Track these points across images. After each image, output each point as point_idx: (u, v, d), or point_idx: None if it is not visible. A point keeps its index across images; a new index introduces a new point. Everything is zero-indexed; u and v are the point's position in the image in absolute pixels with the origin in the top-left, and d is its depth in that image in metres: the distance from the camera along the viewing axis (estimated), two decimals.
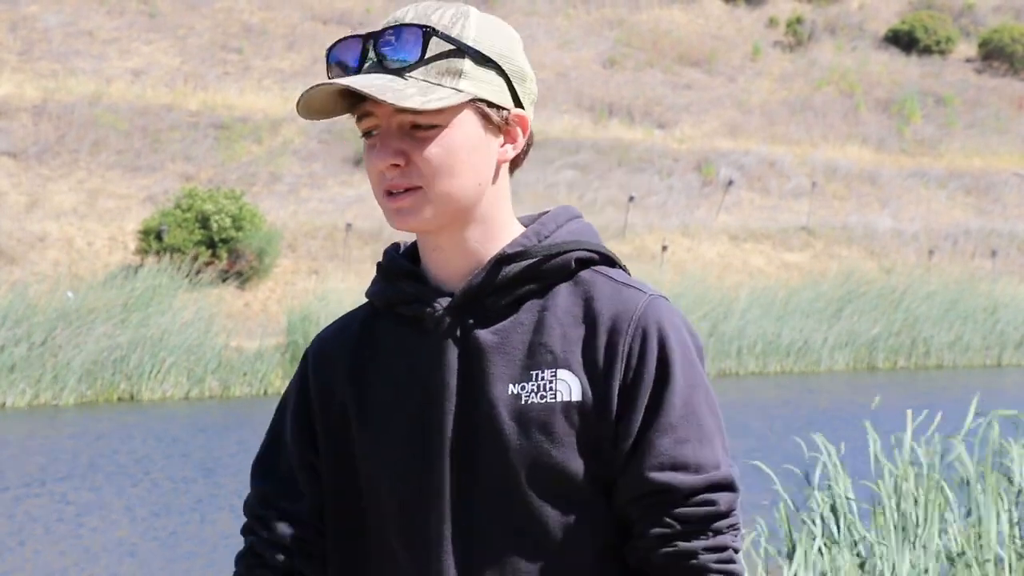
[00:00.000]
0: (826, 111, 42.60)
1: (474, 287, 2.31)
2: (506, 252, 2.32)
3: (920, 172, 40.29)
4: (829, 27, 46.83)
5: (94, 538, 12.79)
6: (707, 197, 36.74)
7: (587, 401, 2.29)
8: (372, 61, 2.28)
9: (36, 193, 30.73)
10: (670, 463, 2.28)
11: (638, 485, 2.29)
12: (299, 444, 2.45)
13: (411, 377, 2.34)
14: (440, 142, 2.27)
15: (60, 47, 36.23)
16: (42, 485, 14.77)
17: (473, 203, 2.32)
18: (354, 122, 2.31)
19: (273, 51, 38.47)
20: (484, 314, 2.32)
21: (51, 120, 32.73)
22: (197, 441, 17.77)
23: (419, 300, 2.35)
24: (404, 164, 2.27)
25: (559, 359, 2.30)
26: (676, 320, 2.33)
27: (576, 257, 2.34)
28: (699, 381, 2.33)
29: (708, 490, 2.30)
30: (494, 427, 2.29)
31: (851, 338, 27.42)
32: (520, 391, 2.29)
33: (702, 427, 2.31)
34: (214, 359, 21.76)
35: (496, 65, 2.30)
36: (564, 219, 2.39)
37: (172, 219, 28.04)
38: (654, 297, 2.33)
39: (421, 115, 2.25)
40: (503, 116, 2.31)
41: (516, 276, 2.32)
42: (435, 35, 2.26)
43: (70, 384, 20.44)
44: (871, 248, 36.23)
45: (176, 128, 33.43)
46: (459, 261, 2.34)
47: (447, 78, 2.27)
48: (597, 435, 2.29)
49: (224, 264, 27.85)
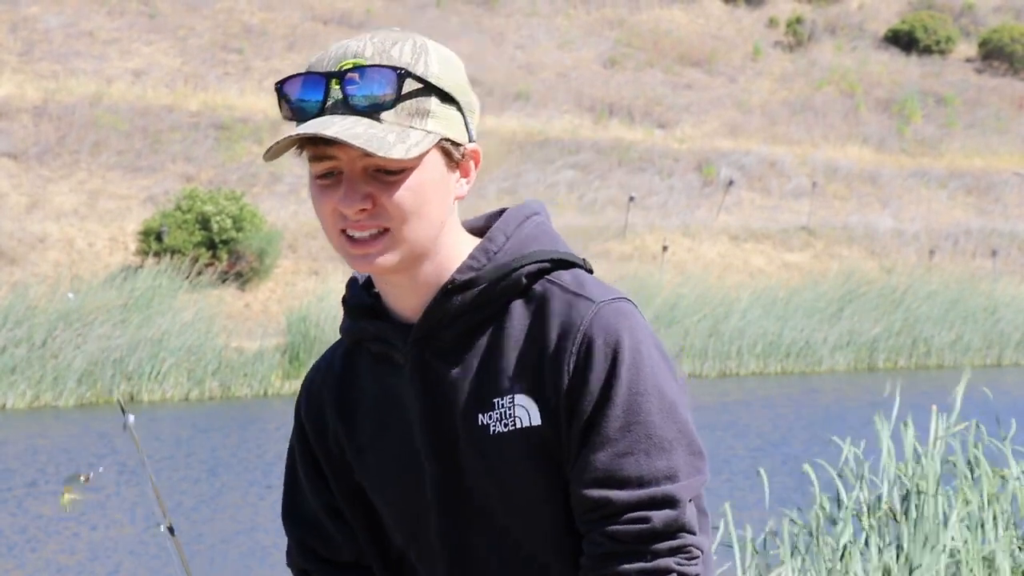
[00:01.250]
0: (826, 111, 42.58)
1: (429, 321, 2.27)
2: (455, 280, 2.27)
3: (920, 172, 40.28)
4: (829, 27, 46.82)
5: (93, 539, 12.78)
6: (708, 197, 36.73)
7: (545, 424, 2.23)
8: (335, 100, 2.21)
9: (36, 194, 30.72)
10: (605, 478, 2.19)
11: (578, 503, 2.22)
12: (316, 491, 2.42)
13: (392, 413, 2.32)
14: (409, 185, 2.21)
15: (61, 48, 36.22)
16: (41, 486, 14.77)
17: (433, 242, 2.26)
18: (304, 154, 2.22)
19: (273, 52, 38.47)
20: (443, 346, 2.28)
21: (52, 121, 32.72)
22: (197, 442, 17.76)
23: (381, 339, 2.31)
24: (371, 207, 2.21)
25: (514, 383, 2.24)
26: (628, 324, 2.24)
27: (525, 272, 2.27)
28: (651, 387, 2.22)
29: (644, 506, 2.19)
30: (469, 465, 2.26)
31: (852, 338, 27.41)
32: (488, 421, 2.25)
33: (652, 436, 2.20)
34: (214, 360, 21.76)
35: (455, 101, 2.25)
36: (514, 226, 2.32)
37: (172, 220, 28.03)
38: (603, 304, 2.25)
39: (377, 158, 2.19)
40: (461, 152, 2.27)
41: (467, 305, 2.26)
42: (408, 76, 2.21)
43: (70, 385, 20.43)
44: (872, 248, 36.22)
45: (176, 129, 33.43)
46: (415, 294, 2.28)
47: (417, 119, 2.21)
48: (560, 457, 2.24)
49: (224, 265, 27.84)
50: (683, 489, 2.20)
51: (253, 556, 12.34)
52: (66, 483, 1.95)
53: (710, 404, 21.20)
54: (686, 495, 2.20)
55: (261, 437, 18.37)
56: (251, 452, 17.12)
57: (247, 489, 14.77)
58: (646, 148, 37.49)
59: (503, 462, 2.24)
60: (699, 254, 34.06)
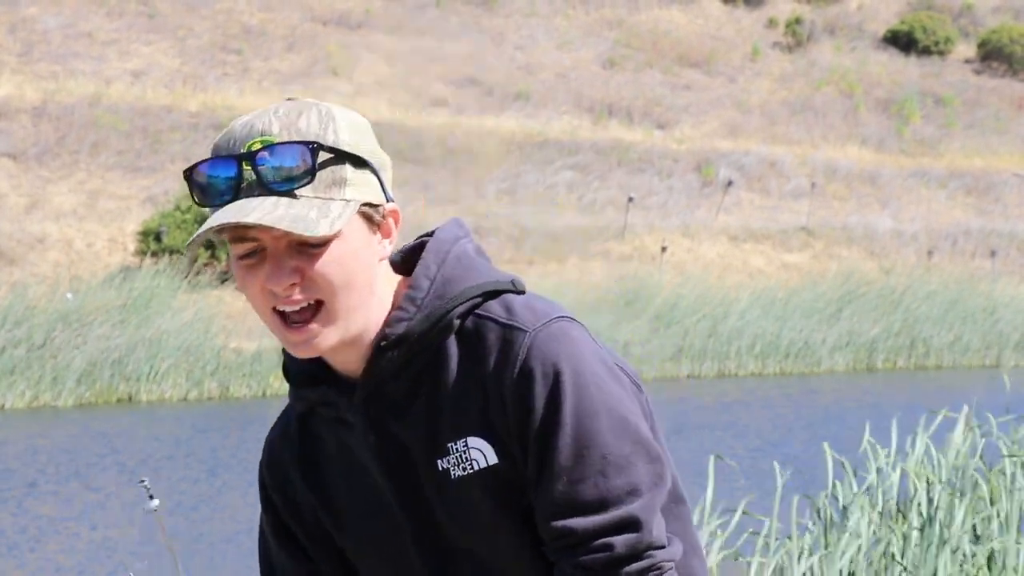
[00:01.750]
0: (826, 111, 42.59)
1: (369, 379, 2.24)
2: (388, 336, 2.22)
3: (920, 172, 40.28)
4: (828, 27, 46.83)
5: (93, 539, 12.78)
6: (707, 198, 36.73)
7: (502, 462, 2.20)
8: (249, 181, 2.16)
9: (36, 194, 30.73)
10: (565, 506, 2.17)
11: (543, 534, 2.20)
12: (294, 560, 2.40)
13: (356, 471, 2.30)
14: (334, 256, 2.16)
15: (60, 48, 36.22)
16: (41, 486, 14.77)
17: (366, 307, 2.21)
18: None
19: (273, 52, 38.46)
20: (388, 400, 2.25)
21: (51, 121, 32.73)
22: (196, 442, 17.76)
23: (327, 403, 2.29)
24: (300, 280, 2.16)
25: (463, 426, 2.21)
26: (566, 346, 2.19)
27: (457, 315, 2.23)
28: (599, 406, 2.18)
29: (607, 532, 2.16)
30: (441, 508, 2.24)
31: (851, 338, 27.42)
32: (447, 465, 2.22)
33: (607, 457, 2.16)
34: (213, 360, 21.75)
35: (367, 164, 2.22)
36: (436, 264, 2.26)
37: (172, 220, 28.04)
38: (537, 331, 2.20)
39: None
40: (381, 214, 2.22)
41: (403, 358, 2.23)
42: (321, 148, 2.17)
43: (69, 385, 20.43)
44: (871, 248, 36.23)
45: (176, 129, 33.44)
46: (352, 354, 2.24)
47: (335, 189, 2.17)
48: (522, 493, 2.21)
49: (223, 265, 27.85)
50: (645, 507, 2.17)
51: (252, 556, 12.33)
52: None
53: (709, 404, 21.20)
54: (649, 511, 2.17)
55: (260, 437, 18.35)
56: (250, 452, 17.13)
57: (246, 489, 14.76)
58: (645, 149, 37.49)
59: (468, 505, 2.22)
60: (698, 254, 34.06)
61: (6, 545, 12.48)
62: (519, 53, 40.39)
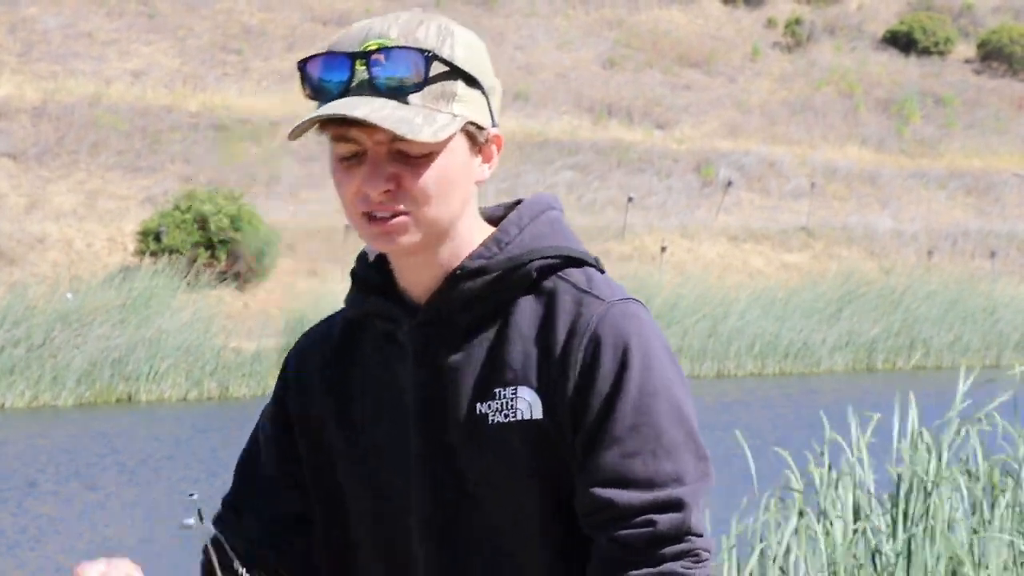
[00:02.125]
0: (825, 112, 42.59)
1: (435, 305, 2.24)
2: (465, 267, 2.23)
3: (920, 173, 40.29)
4: (828, 28, 46.84)
5: (93, 539, 12.78)
6: (707, 198, 36.73)
7: (546, 420, 2.19)
8: (361, 81, 2.17)
9: (35, 194, 30.73)
10: (613, 478, 2.15)
11: (584, 504, 2.18)
12: (277, 452, 2.38)
13: (388, 392, 2.29)
14: (434, 169, 2.18)
15: (60, 48, 36.22)
16: (41, 486, 14.77)
17: (452, 224, 2.23)
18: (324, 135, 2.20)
19: (272, 52, 38.47)
20: (449, 331, 2.25)
21: (51, 121, 32.73)
22: (196, 442, 17.76)
23: (388, 317, 2.28)
24: (394, 188, 2.18)
25: (519, 376, 2.21)
26: (638, 325, 2.21)
27: (536, 267, 2.25)
28: (660, 389, 2.19)
29: (650, 510, 2.15)
30: (463, 452, 2.22)
31: (850, 338, 27.42)
32: (486, 410, 2.21)
33: (660, 438, 2.17)
34: (212, 360, 21.75)
35: (479, 84, 2.22)
36: (529, 218, 2.29)
37: (171, 220, 28.04)
38: (614, 303, 2.22)
39: (401, 140, 2.16)
40: (485, 137, 2.23)
41: (476, 293, 2.23)
42: (436, 59, 2.18)
43: (69, 385, 20.44)
44: (871, 248, 36.23)
45: (175, 129, 33.43)
46: (427, 276, 2.25)
47: (443, 102, 2.18)
48: (557, 456, 2.20)
49: (223, 265, 27.84)
50: (690, 493, 2.17)
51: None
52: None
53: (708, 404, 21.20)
54: (693, 498, 2.17)
55: None
56: None
57: None
58: (645, 149, 37.49)
59: (498, 452, 2.21)
60: (698, 254, 34.06)
61: (6, 545, 12.48)
62: (519, 53, 40.39)
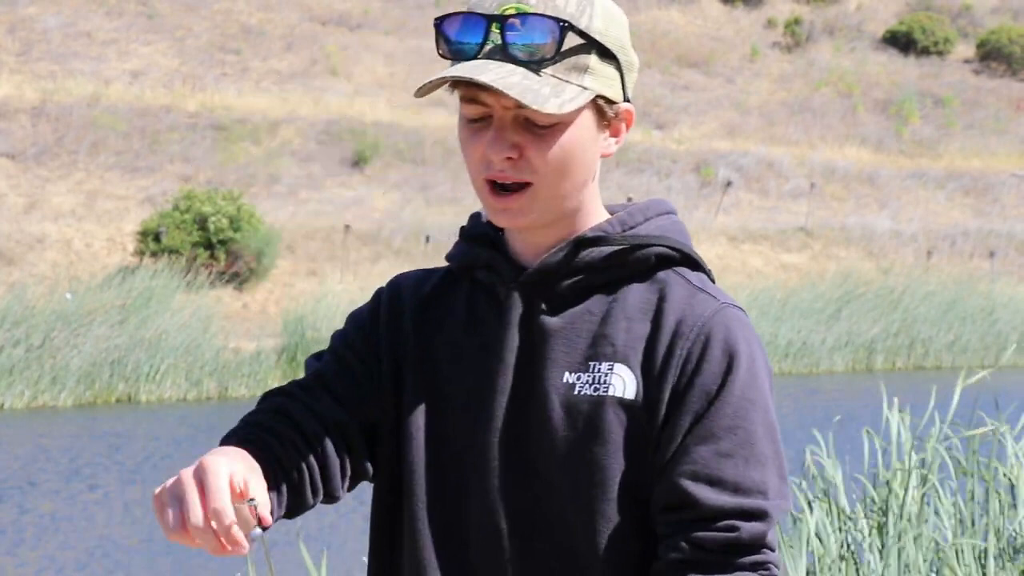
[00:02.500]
0: (824, 112, 42.60)
1: (548, 266, 2.21)
2: (586, 235, 2.22)
3: (919, 173, 40.30)
4: (827, 28, 46.84)
5: (93, 540, 12.79)
6: (706, 198, 36.74)
7: (639, 401, 2.16)
8: (494, 45, 2.15)
9: (34, 194, 30.73)
10: (704, 474, 2.13)
11: (666, 493, 2.14)
12: (352, 375, 2.30)
13: (475, 348, 2.25)
14: (559, 142, 2.15)
15: (59, 48, 36.23)
16: (41, 486, 14.77)
17: (578, 198, 2.22)
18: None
19: (271, 52, 38.47)
20: (554, 296, 2.22)
21: (50, 121, 32.73)
22: (195, 443, 17.77)
23: (493, 268, 2.25)
24: (517, 157, 2.17)
25: (619, 353, 2.18)
26: (746, 333, 2.19)
27: (656, 253, 2.23)
28: (759, 400, 2.16)
29: (734, 515, 2.12)
30: (543, 414, 2.19)
31: (849, 339, 27.43)
32: (575, 380, 2.18)
33: (753, 446, 2.14)
34: (212, 361, 21.76)
35: (615, 58, 2.19)
36: (654, 212, 2.28)
37: (170, 220, 28.04)
38: (726, 306, 2.21)
39: (528, 108, 2.13)
40: (615, 111, 2.21)
41: (591, 262, 2.21)
42: (571, 30, 2.14)
43: (68, 386, 20.44)
44: (869, 249, 36.24)
45: (174, 129, 33.44)
46: (543, 241, 2.23)
47: (574, 74, 2.15)
48: (643, 438, 2.16)
49: (222, 265, 27.85)
50: (772, 507, 2.14)
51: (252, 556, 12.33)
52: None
53: None
54: (774, 512, 2.14)
55: None
56: None
57: None
58: (644, 149, 37.50)
59: (579, 422, 2.17)
60: None
61: (6, 545, 12.49)
62: None
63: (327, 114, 35.27)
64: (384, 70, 38.70)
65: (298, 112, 35.17)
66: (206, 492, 1.99)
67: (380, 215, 32.35)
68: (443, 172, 34.30)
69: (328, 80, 37.76)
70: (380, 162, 34.22)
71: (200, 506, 1.99)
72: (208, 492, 1.99)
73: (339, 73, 38.16)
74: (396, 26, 40.72)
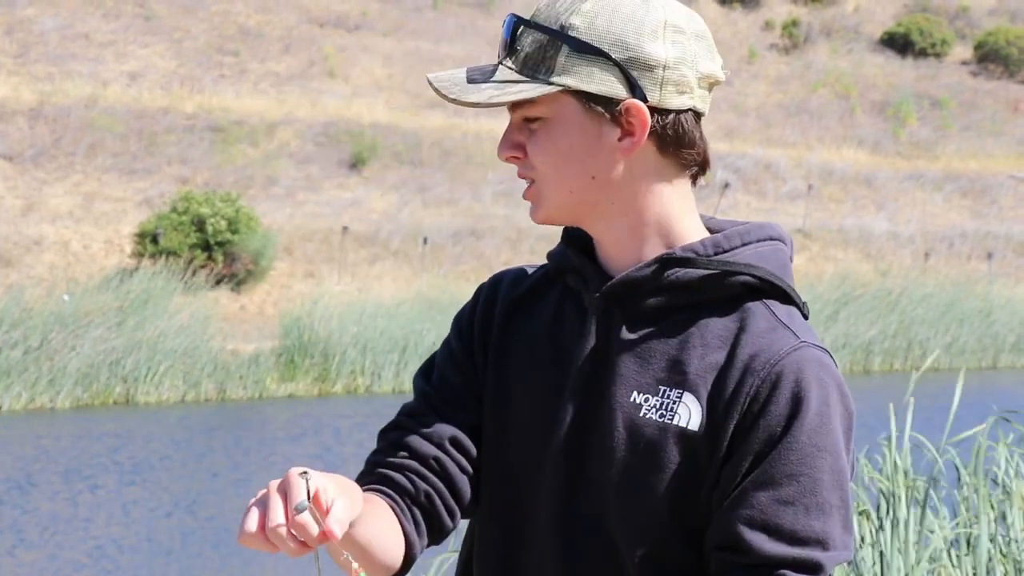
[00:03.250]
0: (822, 114, 42.62)
1: (632, 280, 2.18)
2: (674, 254, 2.17)
3: (916, 175, 40.32)
4: (825, 30, 46.86)
5: (91, 541, 12.79)
6: (703, 200, 36.75)
7: (702, 433, 2.12)
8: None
9: (32, 196, 30.73)
10: (761, 521, 2.07)
11: (719, 534, 2.10)
12: (462, 364, 2.31)
13: (553, 352, 2.23)
14: (547, 136, 2.18)
15: (56, 50, 36.23)
16: (40, 487, 14.77)
17: (596, 197, 2.19)
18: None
19: (269, 54, 38.47)
20: (635, 311, 2.18)
21: (47, 123, 32.73)
22: (193, 444, 17.77)
23: (578, 273, 2.24)
24: (522, 156, 2.21)
25: (689, 382, 2.14)
26: (824, 377, 2.12)
27: (743, 282, 2.17)
28: (830, 448, 2.09)
29: (789, 566, 2.07)
30: (606, 431, 2.16)
31: (847, 340, 27.44)
32: (643, 402, 2.15)
33: (817, 495, 2.08)
34: (210, 362, 21.75)
35: (604, 55, 2.16)
36: (754, 238, 2.22)
37: (168, 222, 28.04)
38: (806, 346, 2.13)
39: (523, 108, 2.17)
40: (613, 109, 2.17)
41: (675, 283, 2.17)
42: (526, 25, 2.18)
43: (66, 387, 20.44)
44: (867, 251, 36.26)
45: (172, 131, 33.44)
46: (623, 256, 2.20)
47: (541, 70, 2.16)
48: (701, 471, 2.12)
49: (220, 267, 27.85)
50: (829, 559, 2.09)
51: (249, 556, 12.35)
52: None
53: None
54: (829, 565, 2.09)
55: (257, 439, 18.38)
56: (247, 454, 17.14)
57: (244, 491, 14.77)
58: None
59: (639, 444, 2.15)
60: None
61: (5, 545, 12.49)
62: None
63: (325, 116, 35.27)
64: (382, 72, 38.70)
65: (296, 114, 35.18)
66: (287, 498, 1.96)
67: (378, 217, 32.35)
68: (441, 174, 34.31)
69: (326, 82, 37.76)
70: (378, 164, 34.22)
71: (281, 510, 1.95)
72: (289, 498, 1.96)
73: (337, 75, 38.16)
74: (394, 28, 40.72)
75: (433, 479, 2.23)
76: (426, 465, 2.23)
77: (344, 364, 22.32)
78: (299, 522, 1.93)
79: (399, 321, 22.90)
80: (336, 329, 22.56)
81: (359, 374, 22.42)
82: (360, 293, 26.65)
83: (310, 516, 1.93)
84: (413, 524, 2.21)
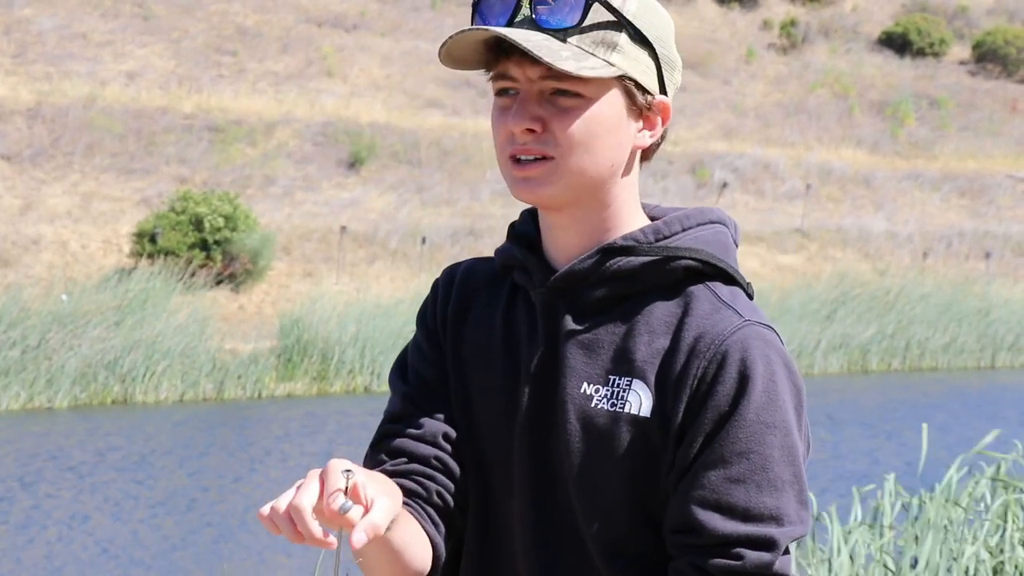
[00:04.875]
0: (820, 113, 42.62)
1: (575, 273, 2.18)
2: (615, 244, 2.18)
3: (914, 174, 40.32)
4: (823, 30, 46.86)
5: (89, 541, 12.79)
6: (702, 200, 36.74)
7: (653, 420, 2.13)
8: (524, 17, 2.14)
9: (30, 196, 30.72)
10: (713, 500, 2.08)
11: (676, 517, 2.11)
12: (435, 358, 2.31)
13: (504, 347, 2.24)
14: (582, 115, 2.14)
15: (54, 50, 36.22)
16: (38, 488, 14.77)
17: (600, 185, 2.19)
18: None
19: (268, 54, 38.47)
20: (580, 303, 2.19)
21: (45, 123, 32.72)
22: (192, 444, 17.77)
23: (524, 269, 2.24)
24: (540, 131, 2.15)
25: (637, 369, 2.14)
26: (769, 353, 2.12)
27: (685, 266, 2.18)
28: (779, 423, 2.09)
29: (744, 543, 2.07)
30: (560, 424, 2.17)
31: (845, 340, 27.44)
32: (593, 393, 2.16)
33: (768, 471, 2.08)
34: (208, 362, 21.76)
35: (650, 46, 2.17)
36: (695, 222, 2.24)
37: (166, 222, 28.03)
38: (750, 324, 2.14)
39: (567, 82, 2.13)
40: (647, 100, 2.19)
41: (618, 272, 2.17)
42: (599, 2, 2.14)
43: (64, 387, 20.44)
44: (865, 250, 36.26)
45: (170, 131, 33.43)
46: (574, 243, 2.20)
47: (601, 49, 2.13)
48: (655, 457, 2.13)
49: (218, 267, 27.84)
50: (783, 534, 2.09)
51: (247, 555, 12.35)
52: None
53: None
54: (785, 540, 2.09)
55: (256, 439, 18.38)
56: (245, 454, 17.14)
57: (241, 490, 14.77)
58: None
59: (592, 435, 2.15)
60: None
61: (5, 546, 12.49)
62: None
63: (323, 115, 35.27)
64: (380, 71, 38.70)
65: (294, 113, 35.17)
66: (324, 487, 1.96)
67: (376, 216, 32.35)
68: (439, 173, 34.31)
69: (324, 81, 37.76)
70: (376, 163, 34.22)
71: (313, 491, 1.95)
72: (326, 486, 1.96)
73: (335, 74, 38.16)
74: (392, 28, 40.72)
75: (440, 477, 2.23)
76: (429, 466, 2.24)
77: (343, 364, 22.33)
78: (333, 508, 1.93)
79: (398, 320, 22.91)
80: (335, 329, 22.57)
81: (358, 373, 22.42)
82: (359, 292, 26.64)
83: (346, 502, 1.93)
84: (432, 525, 2.22)
